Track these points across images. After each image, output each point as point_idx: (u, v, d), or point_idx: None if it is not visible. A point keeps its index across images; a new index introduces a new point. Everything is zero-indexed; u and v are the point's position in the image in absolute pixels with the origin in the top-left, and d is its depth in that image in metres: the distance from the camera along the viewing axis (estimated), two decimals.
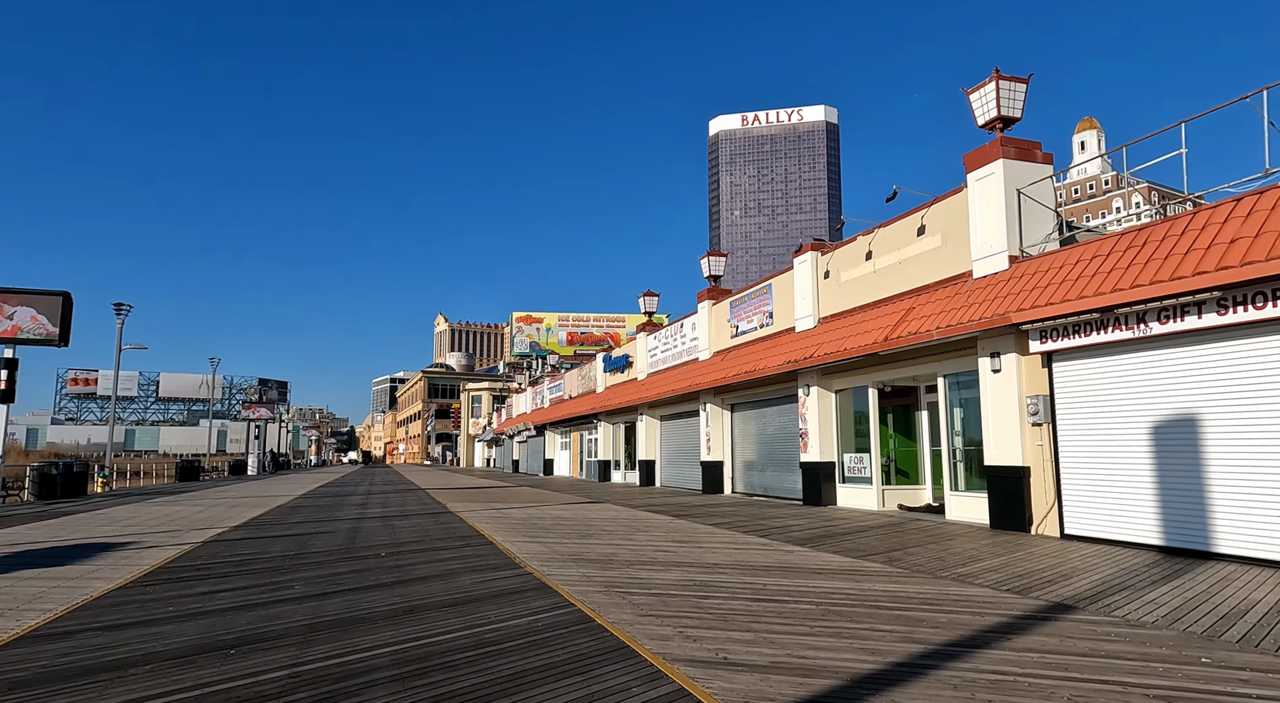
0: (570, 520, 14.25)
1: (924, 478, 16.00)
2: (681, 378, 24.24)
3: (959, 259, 13.28)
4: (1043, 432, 11.24)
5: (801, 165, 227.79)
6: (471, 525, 13.56)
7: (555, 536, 11.78)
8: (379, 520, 14.69)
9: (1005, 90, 12.33)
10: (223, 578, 8.11)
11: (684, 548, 10.16)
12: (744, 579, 7.64)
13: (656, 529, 12.62)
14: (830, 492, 17.11)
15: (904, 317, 13.77)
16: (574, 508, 17.18)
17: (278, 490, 26.96)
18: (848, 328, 15.81)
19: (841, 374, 16.91)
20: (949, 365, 13.68)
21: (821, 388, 17.33)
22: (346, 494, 24.49)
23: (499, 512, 16.32)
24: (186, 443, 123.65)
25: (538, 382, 52.28)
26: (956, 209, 13.41)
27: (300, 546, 10.91)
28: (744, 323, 21.40)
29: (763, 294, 20.40)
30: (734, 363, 20.71)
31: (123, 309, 30.44)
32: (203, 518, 15.62)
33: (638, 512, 16.25)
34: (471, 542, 11.10)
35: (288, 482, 36.06)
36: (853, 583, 7.37)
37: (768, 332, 20.09)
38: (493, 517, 15.16)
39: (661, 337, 28.27)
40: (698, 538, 11.32)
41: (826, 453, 17.21)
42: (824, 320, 17.47)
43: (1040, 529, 11.20)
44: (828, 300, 17.42)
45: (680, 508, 17.20)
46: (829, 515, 14.77)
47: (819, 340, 16.64)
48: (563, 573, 8.12)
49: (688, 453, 25.73)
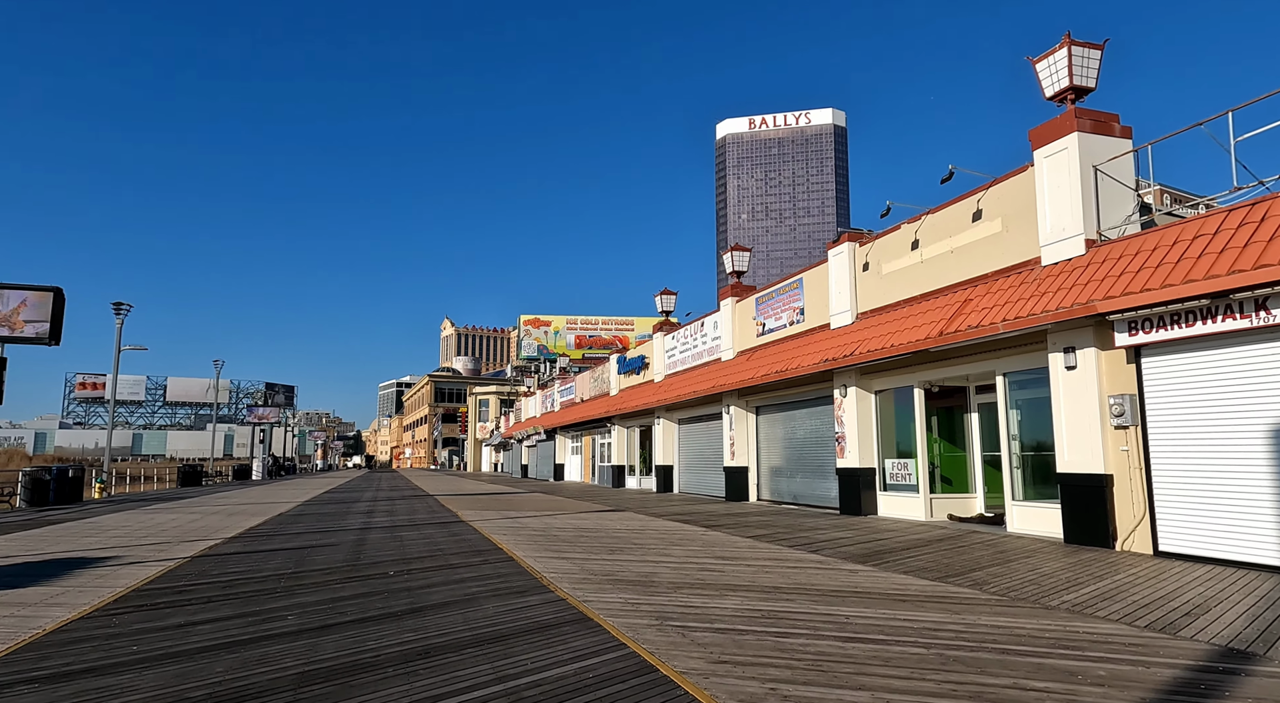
0: (594, 532, 13.06)
1: (973, 486, 14.76)
2: (703, 379, 23.03)
3: (1023, 245, 12.06)
4: (1129, 435, 10.00)
5: (809, 169, 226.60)
6: (487, 537, 12.39)
7: (581, 550, 10.59)
8: (386, 531, 13.54)
9: (1079, 57, 11.13)
10: (205, 605, 6.95)
11: (730, 566, 8.96)
12: (818, 609, 6.44)
13: (691, 542, 11.42)
14: (870, 500, 15.88)
15: (960, 309, 12.56)
16: (594, 517, 16.00)
17: (280, 497, 25.83)
18: (892, 323, 14.60)
19: (883, 374, 15.70)
20: (1010, 362, 12.46)
21: (860, 389, 16.11)
22: (352, 501, 23.32)
23: (514, 521, 15.16)
24: (194, 447, 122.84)
25: (547, 385, 51.10)
26: (1020, 190, 12.20)
27: (299, 562, 9.75)
28: (772, 320, 20.20)
29: (793, 290, 19.20)
30: (761, 363, 19.50)
31: (122, 308, 29.41)
32: (197, 528, 14.49)
33: (664, 521, 15.06)
34: (489, 557, 9.92)
35: (292, 487, 34.94)
36: (951, 615, 6.16)
37: (799, 329, 18.88)
38: (508, 527, 13.99)
39: (680, 337, 27.08)
40: (740, 553, 10.12)
41: (866, 458, 15.98)
42: (863, 316, 16.25)
43: (1127, 545, 9.96)
44: (867, 294, 16.20)
45: (708, 517, 15.99)
46: (874, 527, 13.54)
47: (859, 337, 15.43)
48: (602, 600, 6.93)
49: (708, 458, 24.51)
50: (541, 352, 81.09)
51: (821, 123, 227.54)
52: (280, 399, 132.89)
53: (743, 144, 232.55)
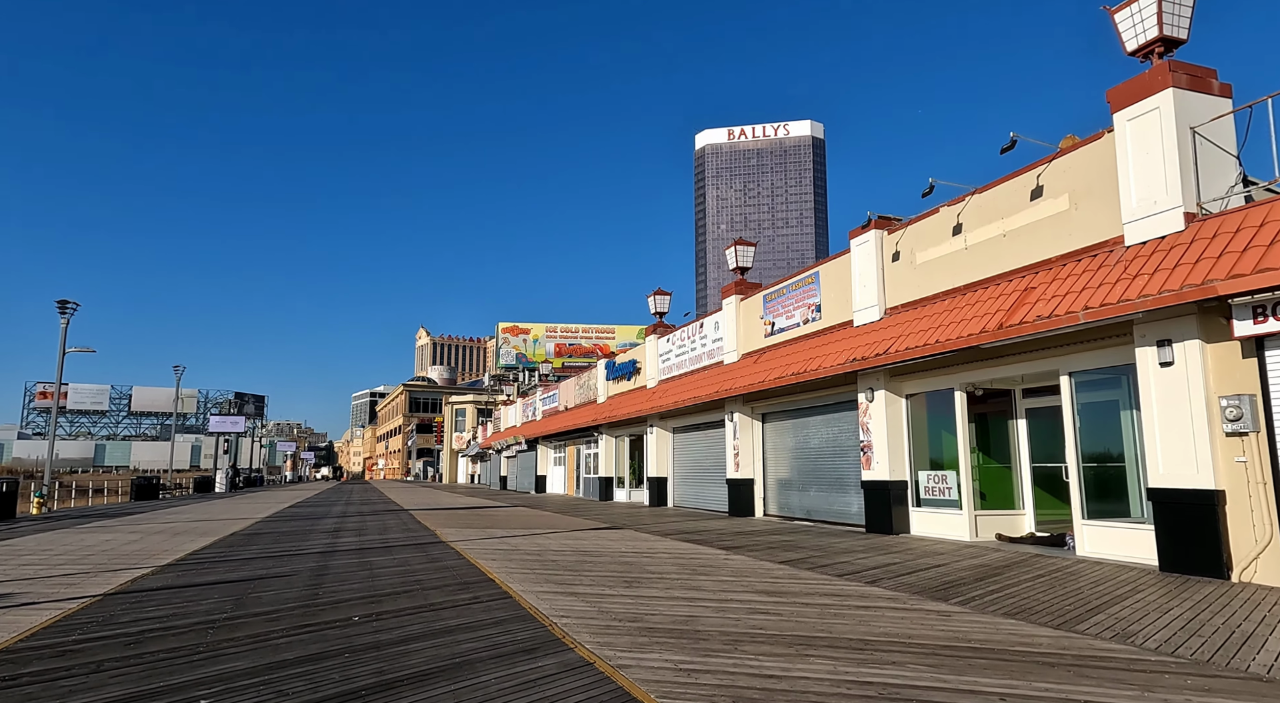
0: (597, 555, 11.18)
1: (1020, 502, 13.10)
2: (703, 384, 21.25)
3: (1099, 223, 10.44)
4: (1248, 444, 8.37)
5: (788, 180, 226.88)
6: (473, 563, 10.47)
7: (590, 581, 8.73)
8: (353, 555, 11.55)
9: (1169, 3, 9.57)
10: (87, 678, 4.98)
11: (785, 606, 7.15)
12: (946, 679, 4.65)
13: (718, 570, 9.59)
14: (902, 517, 14.16)
15: (1021, 299, 10.91)
16: (592, 537, 14.11)
17: (240, 512, 23.57)
18: (931, 318, 12.94)
19: (917, 375, 14.03)
20: (1079, 359, 10.83)
21: (890, 392, 14.43)
22: (319, 516, 21.13)
23: (502, 541, 13.23)
24: (160, 459, 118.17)
25: (528, 393, 49.06)
26: (1094, 161, 10.60)
27: (239, 601, 7.77)
28: (782, 319, 18.49)
29: (807, 285, 17.52)
30: (771, 365, 17.77)
31: (67, 307, 26.98)
32: (130, 552, 12.38)
33: (672, 541, 13.21)
34: (479, 592, 8.03)
35: (255, 500, 32.41)
36: (1144, 693, 4.40)
37: (814, 328, 17.19)
38: (497, 549, 12.06)
39: (676, 339, 25.30)
40: (785, 586, 8.31)
41: (897, 470, 14.28)
42: (893, 311, 14.59)
43: (1246, 575, 8.31)
44: (897, 287, 14.55)
45: (718, 537, 14.17)
46: (914, 548, 11.81)
47: (891, 334, 13.75)
48: (643, 665, 5.08)
49: (707, 469, 22.70)
50: (520, 360, 79.06)
51: (800, 135, 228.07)
52: (250, 409, 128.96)
53: (722, 155, 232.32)
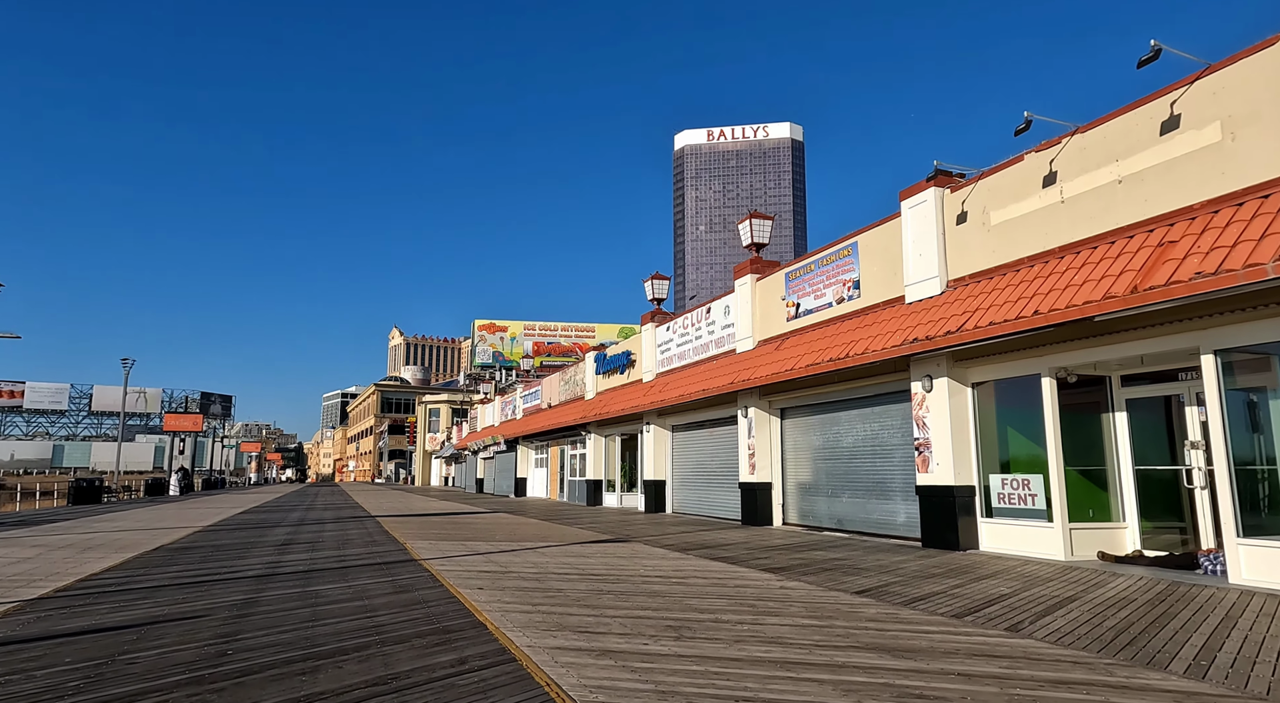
0: (614, 581, 8.65)
1: (1120, 513, 10.80)
2: (714, 375, 18.80)
3: (1269, 154, 8.15)
4: None
5: (767, 182, 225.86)
6: (455, 594, 7.89)
7: (621, 627, 6.21)
8: (297, 582, 8.92)
9: None
10: None
11: (947, 686, 4.70)
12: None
13: (785, 607, 7.11)
14: (970, 529, 11.81)
15: (1159, 255, 8.59)
16: (596, 553, 11.57)
17: (182, 520, 20.70)
18: (1017, 288, 10.60)
19: (988, 359, 11.71)
20: (1227, 334, 8.54)
21: (953, 380, 12.09)
22: (271, 525, 18.35)
23: (488, 559, 10.66)
24: (124, 459, 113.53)
25: (508, 390, 46.24)
26: (1256, 77, 8.32)
27: (99, 669, 5.14)
28: (810, 299, 16.10)
29: (843, 259, 15.14)
30: (798, 351, 15.37)
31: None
32: (5, 576, 9.62)
33: (695, 560, 10.72)
34: (468, 652, 5.48)
35: (207, 505, 29.41)
36: None
37: (852, 307, 14.81)
38: (483, 571, 9.49)
39: (677, 327, 22.85)
40: (902, 640, 5.85)
41: (963, 473, 11.93)
42: (957, 283, 12.26)
43: None
44: (966, 253, 12.21)
45: (747, 552, 11.71)
46: (1005, 570, 9.45)
47: (959, 309, 11.40)
48: None
49: (714, 472, 20.28)
50: (497, 359, 76.64)
51: (780, 137, 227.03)
52: (217, 409, 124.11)
53: (701, 156, 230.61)
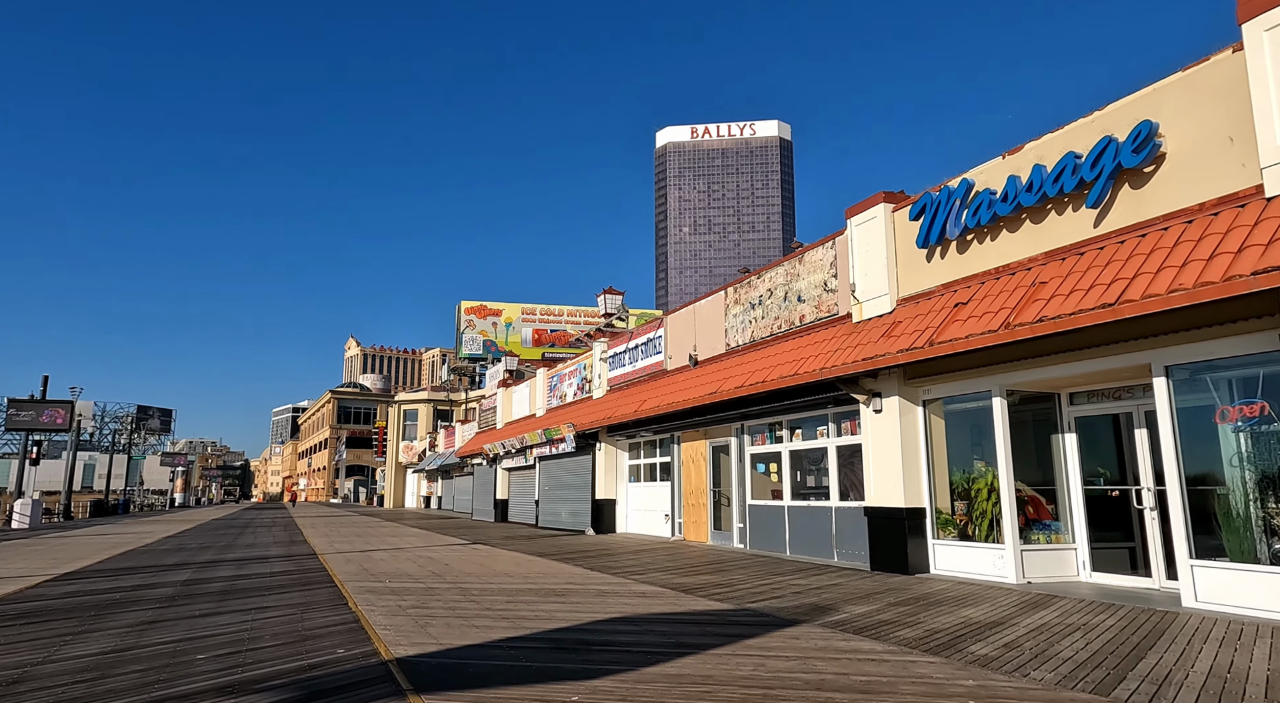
0: None
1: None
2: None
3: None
4: None
5: (754, 182, 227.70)
6: None
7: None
8: None
9: None
10: None
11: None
12: None
13: None
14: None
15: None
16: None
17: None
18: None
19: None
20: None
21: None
22: (107, 608, 9.40)
23: None
24: (46, 478, 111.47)
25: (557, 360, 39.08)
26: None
27: None
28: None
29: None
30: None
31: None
32: None
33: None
34: None
35: (40, 551, 19.52)
36: None
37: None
38: None
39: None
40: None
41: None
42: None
43: None
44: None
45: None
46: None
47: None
48: None
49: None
50: (489, 349, 65.67)
51: (767, 135, 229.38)
52: (155, 424, 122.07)
53: (684, 154, 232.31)
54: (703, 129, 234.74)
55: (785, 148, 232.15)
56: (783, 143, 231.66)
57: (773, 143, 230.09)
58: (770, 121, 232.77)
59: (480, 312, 68.18)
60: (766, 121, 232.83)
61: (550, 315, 69.66)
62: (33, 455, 40.18)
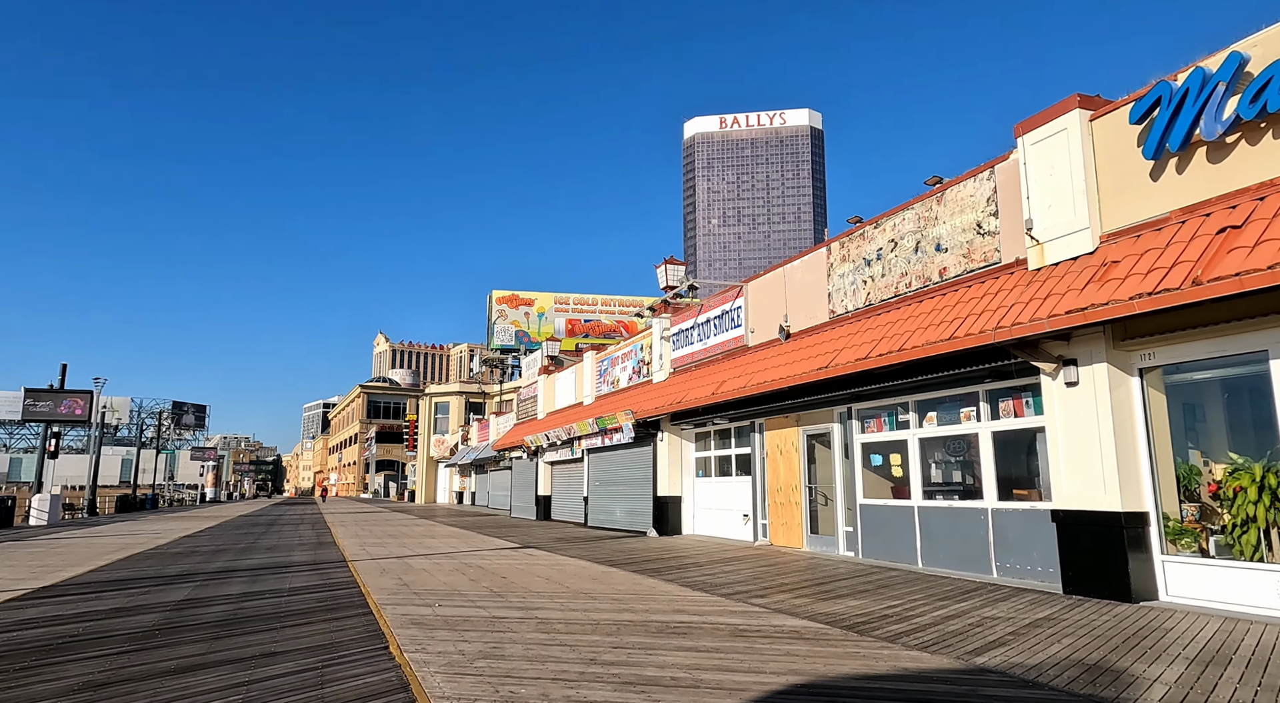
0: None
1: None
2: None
3: None
4: None
5: (785, 172, 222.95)
6: None
7: None
8: None
9: None
10: None
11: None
12: None
13: None
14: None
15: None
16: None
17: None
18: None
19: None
20: None
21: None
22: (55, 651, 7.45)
23: None
24: (80, 472, 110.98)
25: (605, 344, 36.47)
26: None
27: None
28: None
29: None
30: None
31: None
32: None
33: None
34: None
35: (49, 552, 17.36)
36: None
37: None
38: None
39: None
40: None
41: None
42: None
43: None
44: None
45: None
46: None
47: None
48: None
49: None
50: (521, 340, 64.06)
51: (797, 124, 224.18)
52: (190, 420, 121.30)
53: (713, 144, 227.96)
54: (731, 119, 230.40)
55: (816, 137, 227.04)
56: (814, 132, 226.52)
57: (803, 132, 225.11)
58: (801, 110, 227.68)
59: (512, 302, 66.39)
60: (797, 110, 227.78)
61: (584, 305, 67.43)
62: (51, 448, 37.91)
